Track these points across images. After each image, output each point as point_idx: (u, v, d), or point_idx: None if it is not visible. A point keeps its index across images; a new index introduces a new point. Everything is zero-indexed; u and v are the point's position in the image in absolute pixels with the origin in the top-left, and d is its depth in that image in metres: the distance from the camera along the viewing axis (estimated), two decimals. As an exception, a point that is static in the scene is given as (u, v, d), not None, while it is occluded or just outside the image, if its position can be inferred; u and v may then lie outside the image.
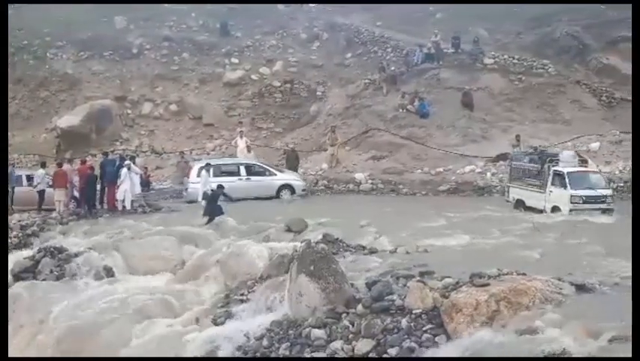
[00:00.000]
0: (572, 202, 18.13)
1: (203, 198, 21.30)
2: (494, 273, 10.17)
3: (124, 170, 20.86)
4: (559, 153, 20.37)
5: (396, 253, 13.79)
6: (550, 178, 18.84)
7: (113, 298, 13.19)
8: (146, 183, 24.54)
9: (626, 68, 31.36)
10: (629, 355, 7.31)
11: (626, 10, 32.76)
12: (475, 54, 31.51)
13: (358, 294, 10.71)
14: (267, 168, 24.34)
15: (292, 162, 25.87)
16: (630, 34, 31.60)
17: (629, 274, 10.91)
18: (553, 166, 18.97)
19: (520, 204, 20.00)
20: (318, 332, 9.98)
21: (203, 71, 33.26)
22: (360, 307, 10.29)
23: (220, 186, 19.41)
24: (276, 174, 24.05)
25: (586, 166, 20.08)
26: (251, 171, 23.65)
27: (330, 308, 10.38)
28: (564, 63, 31.78)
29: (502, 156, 26.12)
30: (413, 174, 25.94)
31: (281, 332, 10.35)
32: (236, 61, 33.78)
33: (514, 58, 31.51)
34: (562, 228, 16.64)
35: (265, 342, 10.25)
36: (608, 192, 18.65)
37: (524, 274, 10.13)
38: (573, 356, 7.72)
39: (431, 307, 9.76)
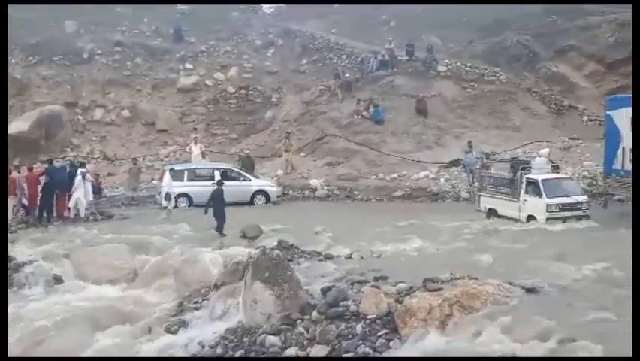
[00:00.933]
0: (548, 211, 17.46)
1: (165, 199, 21.35)
2: (447, 277, 10.30)
3: (78, 177, 20.51)
4: (531, 160, 19.86)
5: (351, 259, 13.86)
6: (524, 186, 18.09)
7: (64, 307, 12.87)
8: (97, 190, 24.06)
9: (575, 76, 32.34)
10: (585, 355, 7.50)
11: (574, 21, 33.84)
12: (428, 62, 31.94)
13: (313, 300, 10.72)
14: (242, 173, 24.25)
15: (247, 168, 25.76)
16: (578, 44, 32.72)
17: (578, 276, 11.23)
18: (525, 174, 18.26)
19: (492, 213, 19.34)
20: (272, 339, 9.94)
21: (157, 77, 32.80)
22: (315, 313, 10.30)
23: (220, 182, 18.57)
24: (250, 180, 24.00)
25: (558, 172, 19.61)
26: (225, 175, 23.48)
27: (285, 315, 10.36)
28: (515, 71, 32.46)
29: (455, 162, 26.60)
30: (368, 180, 26.13)
31: (235, 340, 10.28)
32: (191, 66, 33.42)
33: (466, 66, 32.04)
34: (513, 233, 16.98)
35: (219, 350, 10.15)
36: (584, 198, 18.10)
37: (476, 278, 10.29)
38: (521, 357, 7.87)
39: (385, 313, 9.84)
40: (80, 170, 21.10)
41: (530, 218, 17.87)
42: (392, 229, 17.89)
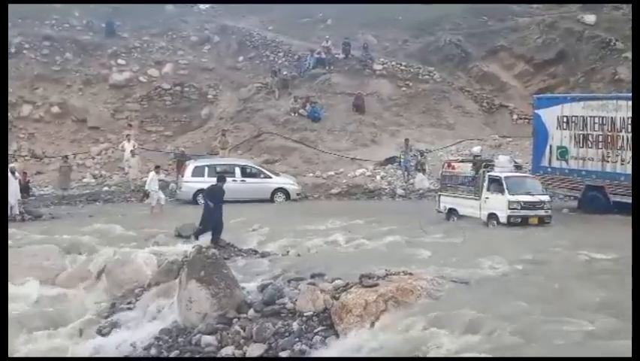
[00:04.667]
0: (510, 208, 17.07)
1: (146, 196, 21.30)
2: (382, 273, 10.43)
3: (9, 175, 19.85)
4: (493, 158, 19.59)
5: (288, 256, 13.88)
6: (486, 184, 17.75)
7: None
8: (25, 189, 23.27)
9: (505, 76, 33.28)
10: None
11: (504, 22, 34.85)
12: (364, 60, 32.25)
13: (250, 298, 10.68)
14: (262, 170, 24.26)
15: (182, 166, 25.37)
16: (508, 45, 33.70)
17: (505, 270, 11.58)
18: (488, 172, 17.95)
19: (452, 213, 18.81)
20: (208, 339, 9.86)
21: (88, 72, 31.84)
22: (251, 311, 10.28)
23: (221, 178, 16.16)
24: (271, 177, 24.04)
25: (521, 172, 19.30)
26: (245, 172, 23.50)
27: (221, 314, 10.30)
28: (448, 70, 33.12)
29: (391, 160, 27.00)
30: (305, 178, 26.19)
31: (170, 340, 10.15)
32: (124, 62, 32.61)
33: (401, 64, 32.49)
34: (445, 228, 17.35)
35: (153, 351, 10.00)
36: (546, 197, 17.80)
37: (411, 273, 10.46)
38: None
39: (322, 309, 9.90)
40: (9, 165, 20.43)
41: (492, 216, 17.56)
42: (329, 225, 17.97)
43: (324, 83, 31.02)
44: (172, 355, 9.87)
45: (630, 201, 17.91)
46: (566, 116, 20.27)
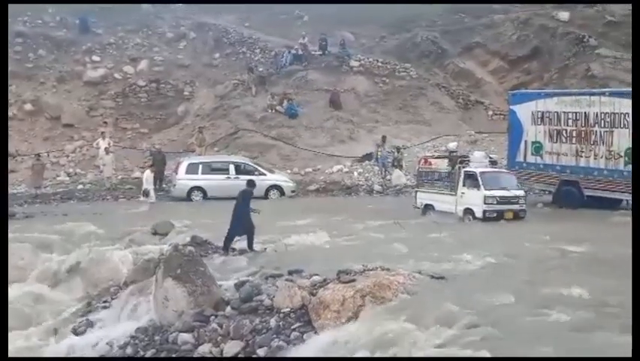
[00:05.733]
0: (485, 203, 17.22)
1: (144, 195, 21.35)
2: (360, 269, 10.46)
3: None
4: (469, 153, 19.67)
5: (266, 253, 13.83)
6: (462, 179, 17.88)
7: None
8: (-2, 188, 22.91)
9: (480, 72, 33.53)
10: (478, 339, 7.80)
11: (480, 19, 35.10)
12: (341, 56, 32.28)
13: (227, 295, 10.65)
14: (257, 167, 24.13)
15: (159, 163, 25.19)
16: (483, 41, 33.96)
17: (481, 264, 11.67)
18: (464, 167, 18.04)
19: (429, 209, 18.89)
20: (185, 337, 9.81)
21: (62, 69, 31.41)
22: (229, 308, 10.25)
23: (251, 183, 15.20)
24: (265, 174, 23.84)
25: (496, 167, 19.21)
26: (240, 170, 23.39)
27: (198, 311, 10.25)
28: (425, 67, 33.27)
29: (368, 156, 27.09)
30: (283, 175, 26.16)
31: (146, 339, 10.08)
32: (98, 59, 32.23)
33: (378, 61, 32.55)
34: (423, 224, 17.44)
35: (129, 350, 9.93)
36: (521, 192, 17.89)
37: (388, 269, 10.49)
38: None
39: (300, 306, 9.90)
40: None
41: (467, 212, 17.69)
42: (306, 221, 17.94)
43: (301, 79, 30.98)
44: (148, 354, 9.80)
45: (603, 195, 18.52)
46: (541, 112, 20.48)
